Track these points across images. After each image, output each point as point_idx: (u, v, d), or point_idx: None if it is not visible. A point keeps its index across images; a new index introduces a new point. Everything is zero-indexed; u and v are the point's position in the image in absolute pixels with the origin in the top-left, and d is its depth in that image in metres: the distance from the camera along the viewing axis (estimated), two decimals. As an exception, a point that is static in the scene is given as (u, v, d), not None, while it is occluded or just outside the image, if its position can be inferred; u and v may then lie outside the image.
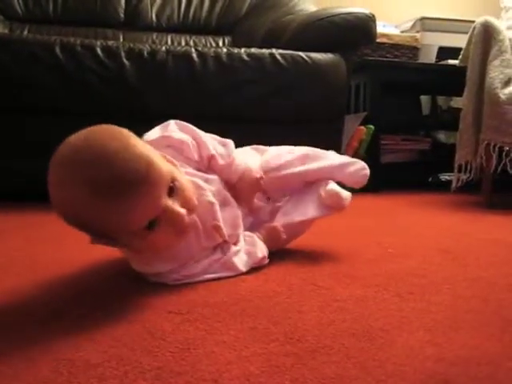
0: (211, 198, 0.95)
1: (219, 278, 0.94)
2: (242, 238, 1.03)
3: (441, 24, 2.88)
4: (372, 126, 2.50)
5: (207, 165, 1.01)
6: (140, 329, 0.70)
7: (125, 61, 1.78)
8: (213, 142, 1.02)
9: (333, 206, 1.15)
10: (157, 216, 0.79)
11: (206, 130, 1.33)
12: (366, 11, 2.10)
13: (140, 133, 1.05)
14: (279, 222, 1.11)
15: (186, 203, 0.83)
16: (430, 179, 2.96)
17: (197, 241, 0.93)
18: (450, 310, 0.80)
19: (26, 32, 2.41)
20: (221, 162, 1.01)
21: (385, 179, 2.59)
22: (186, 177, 0.89)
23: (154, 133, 0.97)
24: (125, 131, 0.80)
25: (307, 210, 1.14)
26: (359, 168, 1.17)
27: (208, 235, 0.95)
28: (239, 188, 1.04)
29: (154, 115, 1.77)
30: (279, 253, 1.12)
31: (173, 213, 0.80)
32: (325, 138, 2.05)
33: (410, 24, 2.94)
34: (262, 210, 1.13)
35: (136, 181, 0.74)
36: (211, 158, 1.00)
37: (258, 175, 1.06)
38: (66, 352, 0.63)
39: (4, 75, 1.73)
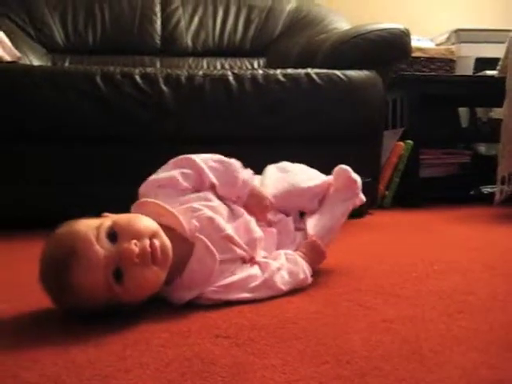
0: (209, 214, 0.96)
1: (262, 300, 0.94)
2: (283, 257, 1.03)
3: (476, 35, 2.85)
4: (410, 141, 2.48)
5: (208, 188, 1.02)
6: (189, 353, 0.71)
7: (163, 86, 1.82)
8: (214, 172, 1.03)
9: (346, 185, 1.17)
10: (114, 267, 0.80)
11: (245, 152, 1.35)
12: (401, 26, 2.10)
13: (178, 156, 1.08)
14: (312, 234, 1.11)
15: (133, 235, 0.82)
16: (472, 192, 2.91)
17: (211, 258, 0.92)
18: (502, 329, 0.79)
19: (67, 63, 2.49)
20: (220, 191, 1.03)
21: (425, 194, 2.56)
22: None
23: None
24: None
25: (334, 212, 1.17)
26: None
27: (221, 248, 0.94)
28: (250, 207, 1.07)
29: (193, 139, 1.83)
30: (321, 272, 1.12)
31: (124, 254, 0.80)
32: (364, 156, 2.05)
33: (445, 36, 2.92)
34: (283, 220, 1.14)
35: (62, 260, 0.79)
36: (213, 185, 1.02)
37: (267, 202, 1.09)
38: (117, 377, 0.64)
39: (47, 106, 1.79)
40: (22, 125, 1.80)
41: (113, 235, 0.82)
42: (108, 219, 0.85)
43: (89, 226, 0.82)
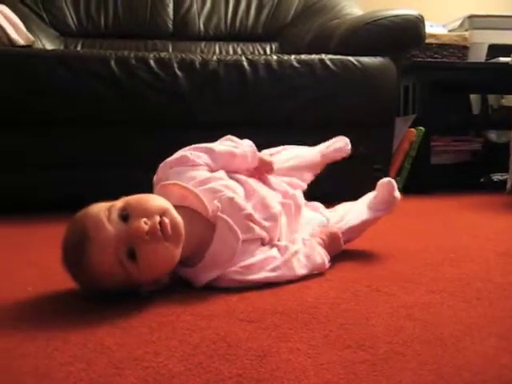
0: (229, 194, 0.97)
1: (281, 285, 0.96)
2: (300, 241, 1.05)
3: (490, 21, 2.82)
4: (422, 128, 2.48)
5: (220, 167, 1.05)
6: (215, 336, 0.72)
7: (177, 71, 1.82)
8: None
9: (387, 199, 1.20)
10: (126, 246, 0.82)
11: (258, 137, 1.36)
12: (415, 12, 2.09)
13: (193, 141, 1.09)
14: (335, 227, 1.14)
15: (143, 214, 0.84)
16: (482, 180, 2.91)
17: (234, 237, 0.94)
18: (520, 316, 0.80)
19: (79, 46, 2.49)
20: (231, 166, 1.07)
21: (435, 181, 2.57)
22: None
23: None
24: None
25: (362, 214, 1.20)
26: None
27: (244, 227, 0.96)
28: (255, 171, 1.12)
29: (207, 124, 1.84)
30: (338, 257, 1.13)
31: (135, 232, 0.81)
32: (376, 142, 2.05)
33: (458, 23, 2.89)
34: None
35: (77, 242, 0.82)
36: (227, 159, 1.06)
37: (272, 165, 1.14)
38: (147, 360, 0.65)
39: (62, 90, 1.79)
40: (37, 109, 1.81)
41: (125, 216, 0.83)
42: (120, 200, 0.87)
43: (101, 208, 0.84)
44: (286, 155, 1.27)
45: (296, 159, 1.27)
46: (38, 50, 2.14)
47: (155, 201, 0.88)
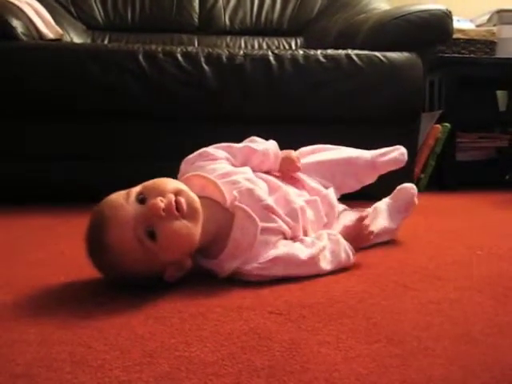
0: (249, 185, 0.99)
1: (308, 278, 0.97)
2: (325, 236, 1.05)
3: (519, 16, 2.79)
4: (448, 124, 2.46)
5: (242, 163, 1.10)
6: (245, 328, 0.73)
7: (204, 66, 1.83)
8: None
9: (407, 204, 1.27)
10: (145, 226, 0.83)
11: (284, 132, 1.36)
12: (443, 7, 2.07)
13: (219, 135, 1.11)
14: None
15: (159, 194, 0.86)
16: (507, 177, 2.88)
17: (252, 224, 0.95)
18: (550, 314, 0.80)
19: (106, 40, 2.52)
20: (253, 163, 1.11)
21: (461, 177, 2.55)
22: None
23: None
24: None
25: (392, 218, 1.27)
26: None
27: (262, 217, 0.97)
28: (282, 171, 1.16)
29: (233, 118, 1.85)
30: (364, 252, 1.14)
31: (151, 210, 0.83)
32: (401, 137, 2.04)
33: (486, 17, 2.86)
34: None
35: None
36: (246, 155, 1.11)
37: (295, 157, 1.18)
38: (180, 349, 0.67)
39: (90, 83, 1.82)
40: (65, 102, 1.83)
41: (142, 198, 0.86)
42: (138, 186, 0.89)
43: (120, 193, 0.88)
44: (325, 156, 1.27)
45: (334, 162, 1.26)
46: (67, 43, 2.17)
47: (171, 183, 0.91)
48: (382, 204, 1.29)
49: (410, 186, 1.29)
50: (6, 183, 1.89)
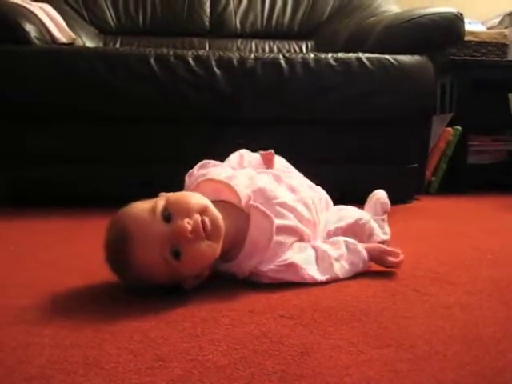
0: (260, 184, 1.01)
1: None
2: (343, 245, 1.04)
3: (531, 19, 2.77)
4: (459, 127, 2.45)
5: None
6: (257, 332, 0.74)
7: (215, 69, 1.84)
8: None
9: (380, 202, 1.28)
10: (171, 246, 0.84)
11: (295, 135, 1.36)
12: (454, 10, 2.06)
13: (230, 138, 1.12)
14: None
15: (185, 214, 0.86)
16: (519, 180, 2.86)
17: (268, 221, 0.96)
18: (562, 319, 0.79)
19: (118, 44, 2.54)
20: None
21: (473, 180, 2.54)
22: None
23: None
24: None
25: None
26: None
27: (277, 214, 0.98)
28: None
29: (244, 121, 1.86)
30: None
31: (178, 232, 0.83)
32: (413, 140, 2.04)
33: (498, 20, 2.85)
34: None
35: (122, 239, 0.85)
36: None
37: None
38: (192, 353, 0.67)
39: (103, 87, 1.83)
40: (77, 105, 1.85)
41: (167, 216, 0.86)
42: (162, 199, 0.89)
43: (144, 209, 0.87)
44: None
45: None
46: (79, 47, 2.19)
47: (194, 199, 0.91)
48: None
49: (379, 191, 1.31)
50: (19, 186, 1.92)
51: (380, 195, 1.29)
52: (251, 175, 1.05)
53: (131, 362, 0.65)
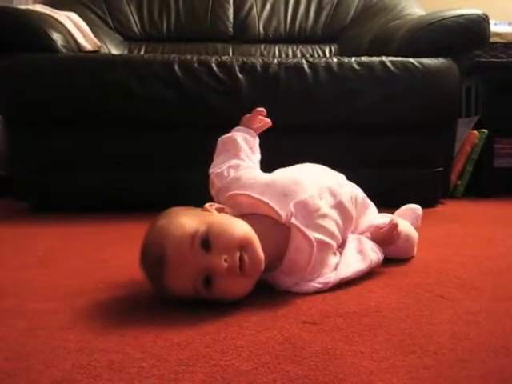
0: (302, 197, 0.98)
1: (341, 286, 0.97)
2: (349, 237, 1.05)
3: (558, 19, 2.73)
4: (485, 130, 2.42)
5: None
6: (280, 337, 0.74)
7: (239, 75, 1.85)
8: None
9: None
10: (204, 275, 0.83)
11: (319, 140, 1.34)
12: (479, 12, 2.04)
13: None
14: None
15: (224, 248, 0.84)
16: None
17: (308, 244, 0.94)
18: None
19: (142, 51, 2.57)
20: None
21: (499, 184, 2.50)
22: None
23: None
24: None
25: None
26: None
27: (317, 229, 0.96)
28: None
29: (268, 127, 1.86)
30: (399, 261, 1.14)
31: (214, 268, 0.82)
32: (438, 144, 2.03)
33: (525, 21, 2.82)
34: None
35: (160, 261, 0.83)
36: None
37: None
38: (215, 358, 0.68)
39: (128, 93, 1.86)
40: (102, 112, 1.88)
41: (205, 243, 0.83)
42: (203, 224, 0.86)
43: (185, 233, 0.84)
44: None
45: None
46: (104, 54, 2.23)
47: (237, 229, 0.87)
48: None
49: (416, 207, 1.35)
50: (46, 193, 1.95)
51: (415, 207, 1.33)
52: (293, 178, 1.02)
53: (155, 366, 0.65)
